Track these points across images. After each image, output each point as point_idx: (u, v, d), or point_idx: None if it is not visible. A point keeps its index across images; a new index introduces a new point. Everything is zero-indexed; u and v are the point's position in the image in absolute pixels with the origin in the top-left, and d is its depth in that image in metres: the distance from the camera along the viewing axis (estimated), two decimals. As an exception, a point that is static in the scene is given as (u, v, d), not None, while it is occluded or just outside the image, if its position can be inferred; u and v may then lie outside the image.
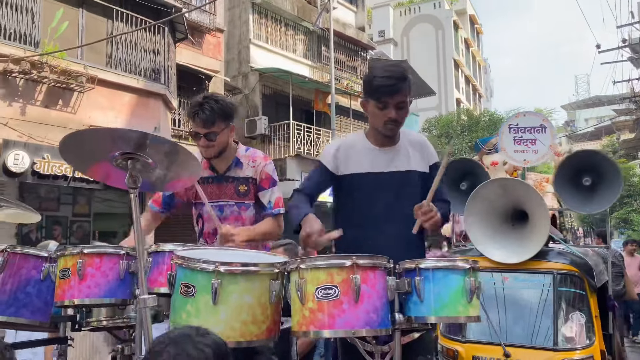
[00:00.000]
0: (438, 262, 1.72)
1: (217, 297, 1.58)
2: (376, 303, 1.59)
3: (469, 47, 41.21)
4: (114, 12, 9.66)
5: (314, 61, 19.38)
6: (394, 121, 2.27)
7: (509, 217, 4.36)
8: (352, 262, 1.57)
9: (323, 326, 1.55)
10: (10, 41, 8.18)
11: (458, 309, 1.69)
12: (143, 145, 1.61)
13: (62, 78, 8.58)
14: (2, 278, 2.23)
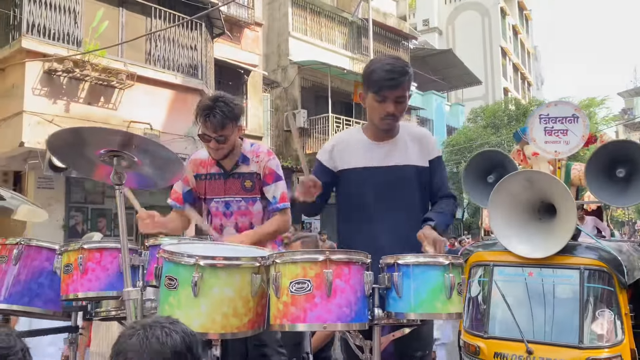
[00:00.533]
0: (417, 258, 1.70)
1: (198, 290, 1.63)
2: (350, 298, 1.59)
3: (517, 34, 39.95)
4: (152, 10, 9.91)
5: (354, 52, 19.28)
6: (392, 115, 2.24)
7: (535, 211, 4.23)
8: (325, 257, 1.58)
9: (296, 320, 1.57)
10: (54, 41, 8.55)
11: (436, 306, 1.67)
12: (128, 144, 1.67)
13: (104, 76, 8.89)
14: (17, 269, 2.36)
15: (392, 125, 2.30)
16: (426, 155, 2.38)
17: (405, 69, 2.22)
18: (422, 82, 24.90)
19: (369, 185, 2.29)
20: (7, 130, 8.58)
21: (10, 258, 2.36)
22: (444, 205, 2.32)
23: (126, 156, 1.69)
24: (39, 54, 8.36)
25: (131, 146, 1.67)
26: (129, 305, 1.65)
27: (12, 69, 8.61)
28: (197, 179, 2.79)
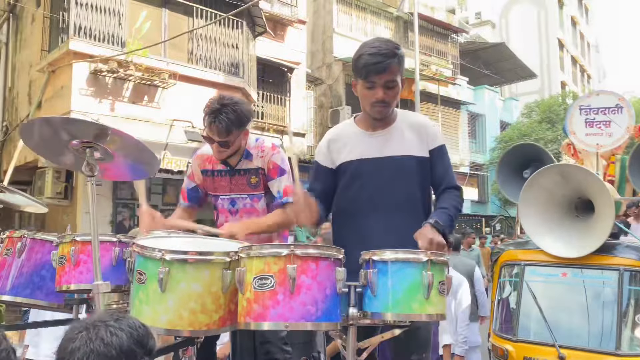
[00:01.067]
0: (395, 254, 1.58)
1: (165, 285, 1.58)
2: (317, 295, 1.49)
3: (575, 25, 38.15)
4: (194, 10, 10.07)
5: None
6: (381, 102, 2.11)
7: (572, 207, 3.97)
8: (289, 252, 1.48)
9: (258, 318, 1.49)
10: (100, 42, 8.83)
11: (412, 306, 1.54)
12: (102, 135, 1.64)
13: (147, 75, 9.11)
14: (20, 262, 2.40)
15: (384, 112, 2.16)
16: (426, 145, 2.23)
17: (393, 51, 2.09)
18: (473, 76, 24.22)
19: (363, 177, 2.18)
20: (56, 129, 8.96)
21: (15, 250, 2.41)
22: (448, 200, 2.17)
23: (100, 148, 1.66)
24: (86, 55, 8.66)
25: (105, 138, 1.65)
26: (98, 299, 1.62)
27: (61, 70, 8.97)
28: (204, 175, 2.77)
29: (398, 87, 2.14)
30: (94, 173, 1.66)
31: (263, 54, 13.40)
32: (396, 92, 2.14)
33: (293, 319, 1.46)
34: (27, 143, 1.67)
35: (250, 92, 11.01)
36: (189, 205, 2.82)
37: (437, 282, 1.57)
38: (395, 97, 2.15)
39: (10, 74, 11.50)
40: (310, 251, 1.52)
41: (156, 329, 1.60)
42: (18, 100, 10.99)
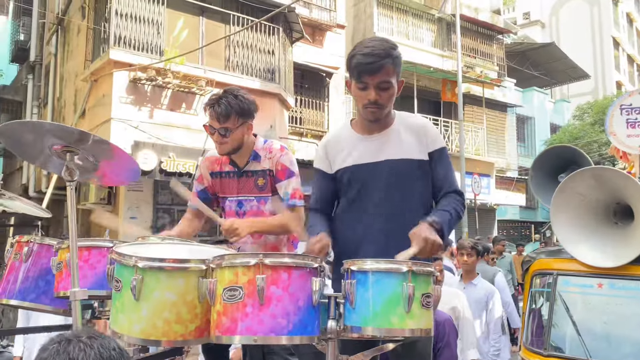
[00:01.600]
0: (375, 264, 1.47)
1: (138, 293, 1.52)
2: (288, 307, 1.40)
3: (632, 22, 36.45)
4: (231, 17, 10.19)
5: (443, 50, 18.63)
6: (374, 103, 2.00)
7: (609, 214, 3.70)
8: (257, 261, 1.40)
9: (227, 331, 1.41)
10: (138, 51, 9.05)
11: (391, 320, 1.42)
12: (83, 141, 1.62)
13: (184, 83, 9.27)
14: (27, 266, 2.43)
15: (377, 114, 2.05)
16: (425, 147, 2.10)
17: (387, 51, 1.98)
18: (521, 78, 23.50)
19: (360, 184, 2.08)
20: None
21: (22, 255, 2.44)
22: (446, 203, 2.04)
23: (80, 153, 1.64)
24: (125, 64, 8.90)
25: (86, 144, 1.62)
26: (74, 307, 1.59)
27: (102, 79, 9.25)
28: (212, 177, 2.75)
29: (393, 89, 2.02)
30: (74, 178, 1.64)
31: (301, 60, 13.42)
32: (391, 94, 2.02)
33: (262, 333, 1.38)
34: (6, 144, 1.66)
35: (286, 97, 11.03)
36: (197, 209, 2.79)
37: (419, 295, 1.45)
38: (390, 99, 2.03)
39: (59, 84, 11.98)
40: (281, 260, 1.43)
41: (131, 338, 1.56)
42: (65, 109, 11.42)
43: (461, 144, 14.89)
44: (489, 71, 19.34)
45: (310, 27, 14.33)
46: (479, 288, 4.57)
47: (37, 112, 12.67)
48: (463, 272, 4.68)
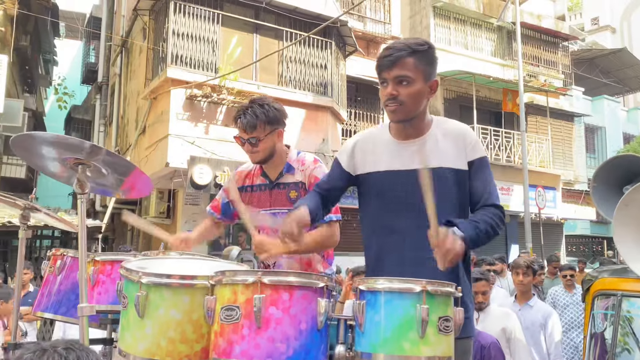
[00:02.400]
0: (388, 283, 1.33)
1: (142, 310, 1.47)
2: (288, 331, 1.29)
3: None
4: (284, 34, 10.29)
5: (504, 59, 18.06)
6: (393, 99, 1.86)
7: (682, 229, 3.35)
8: (256, 279, 1.30)
9: (222, 354, 1.31)
10: (194, 69, 9.29)
11: (403, 347, 1.27)
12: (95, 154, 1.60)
13: (238, 99, 9.42)
14: (59, 279, 2.45)
15: (398, 112, 1.89)
16: (464, 155, 1.93)
17: (408, 45, 1.86)
18: (590, 86, 22.37)
19: (392, 192, 1.93)
20: (156, 152, 9.52)
21: (55, 268, 2.47)
22: (481, 215, 1.86)
23: (92, 166, 1.62)
24: (182, 82, 9.15)
25: (98, 157, 1.61)
26: (81, 322, 1.56)
27: (161, 97, 9.56)
28: (242, 192, 2.70)
29: (415, 86, 1.86)
30: (85, 190, 1.62)
31: (355, 73, 13.37)
32: (412, 91, 1.86)
33: (258, 358, 1.27)
34: (20, 155, 1.67)
35: (339, 111, 10.99)
36: (220, 218, 2.77)
37: (435, 318, 1.30)
38: (413, 97, 1.87)
39: (122, 103, 12.52)
40: (282, 279, 1.32)
41: (136, 358, 1.50)
42: (128, 126, 11.90)
43: (524, 155, 14.27)
44: (553, 80, 18.54)
45: (364, 40, 14.28)
46: (536, 310, 4.26)
47: (104, 130, 13.29)
48: (518, 293, 4.39)
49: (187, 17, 9.30)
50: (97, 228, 9.13)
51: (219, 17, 9.62)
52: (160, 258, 1.83)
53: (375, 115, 14.23)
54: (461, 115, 16.85)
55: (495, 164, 15.44)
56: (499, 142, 15.79)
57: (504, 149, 15.89)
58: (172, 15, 9.17)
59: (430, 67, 1.91)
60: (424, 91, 1.89)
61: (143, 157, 10.32)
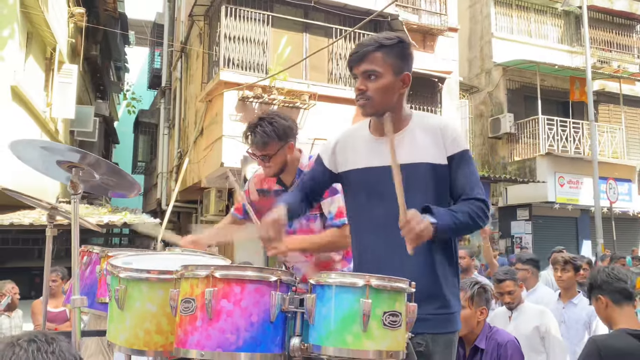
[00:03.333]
0: (334, 277, 1.36)
1: (122, 303, 1.58)
2: (238, 322, 1.34)
3: None
4: (333, 31, 10.34)
5: (572, 45, 17.19)
6: (361, 93, 1.88)
7: None
8: (208, 273, 1.36)
9: (179, 343, 1.39)
10: (245, 71, 9.54)
11: (346, 340, 1.30)
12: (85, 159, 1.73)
13: (288, 98, 9.58)
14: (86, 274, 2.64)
15: (366, 107, 1.90)
16: (444, 150, 1.90)
17: (372, 41, 1.87)
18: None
19: (369, 188, 1.94)
20: (212, 153, 9.87)
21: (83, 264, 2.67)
22: (460, 205, 1.83)
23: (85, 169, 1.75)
24: (234, 84, 9.42)
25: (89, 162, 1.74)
26: (74, 314, 1.69)
27: (215, 99, 9.89)
28: (261, 194, 2.81)
29: (383, 80, 1.86)
30: (77, 191, 1.75)
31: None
32: (379, 85, 1.86)
33: (209, 348, 1.34)
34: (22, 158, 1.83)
35: (392, 106, 10.89)
36: (242, 218, 2.87)
37: (379, 312, 1.31)
38: (381, 92, 1.87)
39: (183, 106, 13.04)
40: (233, 272, 1.39)
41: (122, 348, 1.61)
42: (188, 129, 12.39)
43: (593, 146, 13.53)
44: (627, 65, 17.42)
45: (420, 33, 14.04)
46: (580, 308, 4.07)
47: (167, 133, 13.91)
48: (561, 290, 4.21)
49: (238, 21, 9.56)
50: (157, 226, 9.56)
51: (269, 18, 9.82)
52: (152, 254, 1.95)
53: (432, 109, 13.97)
54: (526, 106, 16.21)
55: (563, 156, 14.74)
56: (566, 133, 15.05)
57: (572, 140, 15.12)
58: (224, 20, 9.46)
59: (401, 60, 1.90)
60: (393, 85, 1.89)
61: (201, 157, 10.71)
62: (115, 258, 1.75)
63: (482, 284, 2.84)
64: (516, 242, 14.96)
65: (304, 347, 1.39)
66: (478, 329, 2.75)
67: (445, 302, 1.80)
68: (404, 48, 1.92)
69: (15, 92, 8.20)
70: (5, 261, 8.79)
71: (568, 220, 15.71)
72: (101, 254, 2.45)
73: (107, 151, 17.39)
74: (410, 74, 1.94)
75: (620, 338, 2.27)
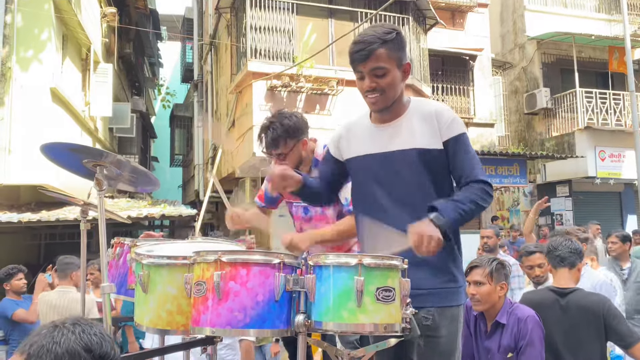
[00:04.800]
0: (329, 258, 1.46)
1: (146, 287, 1.72)
2: (245, 301, 1.46)
3: None
4: (359, 15, 10.32)
5: (610, 13, 16.56)
6: (371, 90, 1.96)
7: None
8: (216, 258, 1.49)
9: (194, 322, 1.53)
10: (272, 60, 9.65)
11: (342, 315, 1.40)
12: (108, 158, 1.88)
13: (316, 85, 9.65)
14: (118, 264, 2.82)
15: (378, 102, 1.99)
16: (439, 135, 1.98)
17: (378, 36, 1.92)
18: None
19: (370, 174, 2.05)
20: (244, 143, 10.06)
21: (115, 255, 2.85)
22: (462, 194, 1.89)
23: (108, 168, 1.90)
24: (262, 74, 9.55)
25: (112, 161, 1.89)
26: (104, 299, 1.85)
27: (245, 90, 10.05)
28: None
29: (391, 75, 1.95)
30: (102, 188, 1.90)
31: (440, 46, 13.04)
32: (389, 80, 1.95)
33: (219, 325, 1.47)
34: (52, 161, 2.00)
35: (421, 87, 10.82)
36: (264, 206, 3.01)
37: (372, 289, 1.41)
38: (391, 85, 1.96)
39: (215, 99, 13.29)
40: (239, 257, 1.51)
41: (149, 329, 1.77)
42: (221, 120, 12.64)
43: (634, 117, 13.07)
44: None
45: (448, 11, 13.85)
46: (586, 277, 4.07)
47: (201, 126, 14.22)
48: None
49: (263, 10, 9.66)
50: (192, 217, 9.87)
51: (294, 6, 9.87)
52: (173, 242, 2.09)
53: (464, 87, 13.79)
54: (562, 80, 15.76)
55: (603, 129, 14.29)
56: (606, 105, 14.57)
57: (613, 111, 14.64)
58: (249, 10, 9.57)
59: (402, 52, 1.97)
60: (398, 77, 1.97)
61: (234, 148, 10.94)
62: (139, 247, 1.90)
63: (499, 259, 2.88)
64: (556, 220, 14.66)
65: (308, 323, 1.50)
66: (499, 304, 2.80)
67: (452, 276, 1.90)
68: (401, 39, 1.99)
69: (54, 94, 8.57)
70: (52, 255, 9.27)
71: (611, 195, 15.28)
72: (131, 245, 2.65)
73: (145, 146, 17.90)
74: (409, 63, 2.01)
75: (541, 293, 3.03)
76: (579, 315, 2.76)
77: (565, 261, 2.92)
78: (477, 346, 2.86)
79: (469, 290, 2.70)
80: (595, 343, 2.75)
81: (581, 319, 2.75)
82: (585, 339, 2.74)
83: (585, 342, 2.74)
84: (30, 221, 7.89)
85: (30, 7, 8.52)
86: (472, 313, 2.89)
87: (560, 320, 2.80)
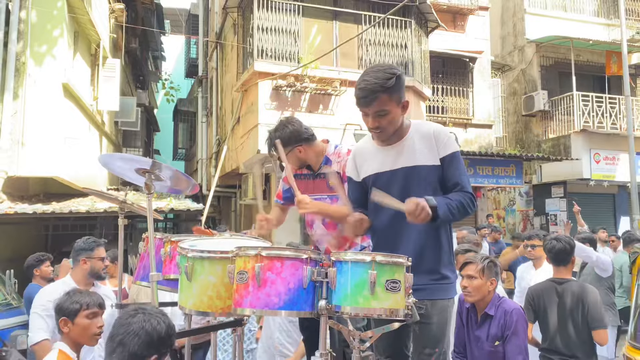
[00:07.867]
0: (348, 256, 1.80)
1: (190, 276, 2.05)
2: (280, 288, 1.79)
3: None
4: (363, 18, 10.61)
5: (609, 18, 16.86)
6: (375, 129, 2.30)
7: None
8: (256, 253, 1.82)
9: (237, 304, 1.86)
10: (278, 61, 9.95)
11: (358, 300, 1.75)
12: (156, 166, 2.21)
13: (320, 86, 9.95)
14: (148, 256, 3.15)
15: (381, 136, 2.37)
16: (436, 153, 2.34)
17: (377, 86, 2.21)
18: None
19: (381, 189, 2.36)
20: (249, 140, 10.37)
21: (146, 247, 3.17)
22: (454, 195, 2.28)
23: (154, 174, 2.22)
24: (268, 74, 9.85)
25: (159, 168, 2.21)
26: (152, 287, 2.17)
27: (250, 89, 10.35)
28: (296, 178, 3.24)
29: (392, 114, 2.28)
30: (151, 191, 2.22)
31: (441, 48, 13.33)
32: (390, 119, 2.28)
33: (259, 307, 1.81)
34: (108, 169, 2.31)
35: (422, 89, 11.13)
36: (283, 203, 3.34)
37: (383, 280, 1.75)
38: (391, 122, 2.30)
39: (220, 95, 13.58)
40: (275, 252, 1.84)
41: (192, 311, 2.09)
42: (225, 117, 12.94)
43: (629, 121, 13.41)
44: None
45: (450, 14, 14.14)
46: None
47: (205, 121, 14.51)
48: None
49: (270, 12, 9.94)
50: (200, 211, 10.18)
51: (299, 8, 10.16)
52: (209, 238, 2.41)
53: (464, 89, 14.09)
54: (560, 83, 16.08)
55: (599, 132, 14.63)
56: (602, 108, 14.90)
57: (609, 115, 14.97)
58: (257, 11, 9.86)
59: (401, 92, 2.29)
60: (399, 114, 2.30)
61: (239, 145, 11.24)
62: (183, 242, 2.23)
63: (491, 258, 3.22)
64: (551, 220, 15.03)
65: (329, 307, 1.84)
66: (488, 297, 3.14)
67: (442, 275, 2.26)
68: (400, 81, 2.29)
69: (66, 89, 8.85)
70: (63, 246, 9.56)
71: (605, 197, 15.65)
72: (164, 239, 2.96)
73: (148, 139, 18.19)
74: (408, 100, 2.34)
75: (544, 283, 3.76)
76: (570, 300, 3.52)
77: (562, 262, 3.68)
78: (468, 335, 3.20)
79: (462, 283, 3.04)
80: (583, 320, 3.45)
81: (572, 302, 3.50)
82: (574, 317, 3.47)
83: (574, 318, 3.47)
84: (44, 212, 8.18)
85: (44, 4, 8.78)
86: (465, 306, 3.23)
87: (557, 302, 3.57)
